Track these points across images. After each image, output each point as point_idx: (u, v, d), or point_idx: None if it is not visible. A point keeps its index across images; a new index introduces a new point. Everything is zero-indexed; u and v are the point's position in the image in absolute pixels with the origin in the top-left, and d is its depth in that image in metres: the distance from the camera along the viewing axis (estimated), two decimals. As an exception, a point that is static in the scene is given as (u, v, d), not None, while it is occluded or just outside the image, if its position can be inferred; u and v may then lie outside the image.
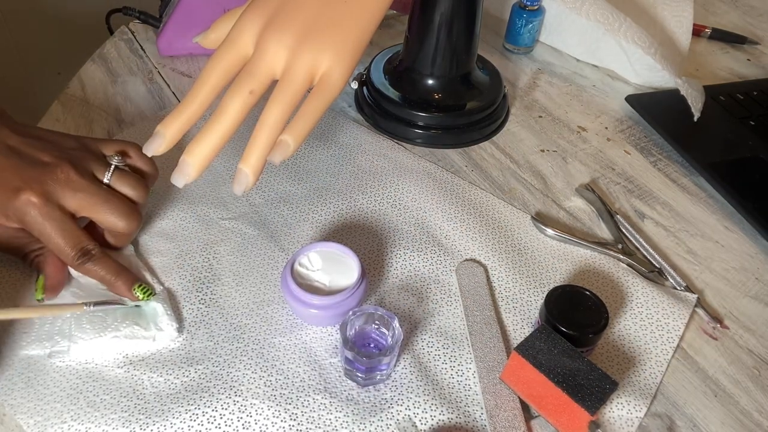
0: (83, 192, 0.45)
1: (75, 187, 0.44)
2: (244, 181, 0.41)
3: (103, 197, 0.45)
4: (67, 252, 0.44)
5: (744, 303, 0.52)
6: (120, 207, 0.46)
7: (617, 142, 0.68)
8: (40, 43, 1.25)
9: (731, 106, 0.71)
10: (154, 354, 0.45)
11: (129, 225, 0.46)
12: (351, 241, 0.54)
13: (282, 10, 0.42)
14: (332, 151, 0.63)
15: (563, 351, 0.42)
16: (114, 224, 0.46)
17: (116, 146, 0.49)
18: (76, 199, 0.44)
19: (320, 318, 0.46)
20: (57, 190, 0.44)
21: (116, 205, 0.46)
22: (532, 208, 0.59)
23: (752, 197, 0.59)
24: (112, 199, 0.46)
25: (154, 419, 0.41)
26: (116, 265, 0.47)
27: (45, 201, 0.43)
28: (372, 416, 0.43)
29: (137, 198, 0.48)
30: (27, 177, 0.44)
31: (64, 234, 0.44)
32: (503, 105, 0.68)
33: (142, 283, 0.47)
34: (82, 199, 0.45)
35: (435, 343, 0.47)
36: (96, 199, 0.45)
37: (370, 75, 0.68)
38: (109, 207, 0.46)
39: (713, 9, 0.94)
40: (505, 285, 0.52)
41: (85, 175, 0.45)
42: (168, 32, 0.71)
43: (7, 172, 0.44)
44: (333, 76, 0.42)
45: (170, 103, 0.67)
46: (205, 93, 0.42)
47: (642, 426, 0.44)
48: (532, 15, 0.76)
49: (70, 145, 0.47)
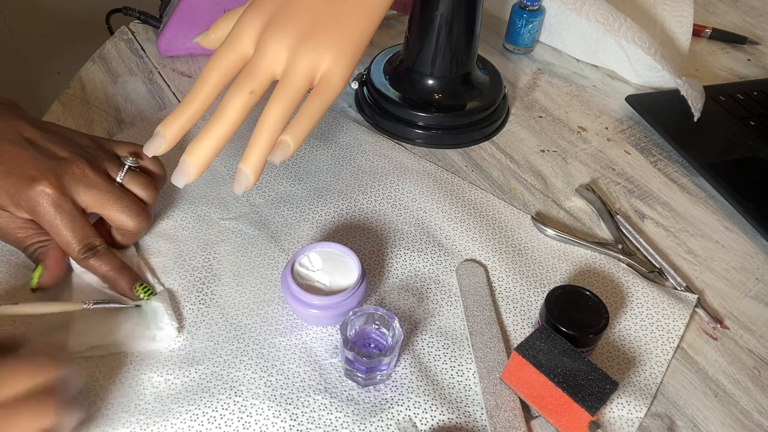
0: (97, 189, 0.46)
1: (89, 184, 0.45)
2: (244, 181, 0.41)
3: (117, 195, 0.46)
4: (74, 246, 0.45)
5: (744, 303, 0.52)
6: (131, 206, 0.47)
7: (617, 142, 0.68)
8: (40, 43, 1.25)
9: (731, 106, 0.71)
10: (154, 354, 0.45)
11: (139, 224, 0.47)
12: (351, 241, 0.54)
13: (282, 10, 0.42)
14: (332, 151, 0.63)
15: (563, 351, 0.42)
16: (124, 222, 0.47)
17: (130, 147, 0.50)
18: (89, 195, 0.45)
19: (320, 318, 0.46)
20: (72, 184, 0.45)
21: (128, 204, 0.47)
22: (532, 208, 0.59)
23: (752, 197, 0.59)
24: (124, 198, 0.47)
25: (154, 419, 0.41)
26: (119, 262, 0.47)
27: (60, 193, 0.44)
28: (372, 416, 0.43)
29: (147, 198, 0.49)
30: (43, 168, 0.44)
31: (73, 227, 0.45)
32: (503, 105, 0.68)
33: (143, 282, 0.47)
34: (95, 195, 0.45)
35: (435, 344, 0.47)
36: (109, 196, 0.46)
37: (371, 75, 0.68)
38: (121, 205, 0.46)
39: (713, 9, 0.94)
40: (506, 285, 0.52)
41: (100, 173, 0.46)
42: (168, 32, 0.71)
43: (23, 161, 0.44)
44: (333, 77, 0.42)
45: (170, 104, 0.67)
46: (206, 93, 0.42)
47: (642, 426, 0.44)
48: (532, 15, 0.76)
49: (84, 143, 0.48)
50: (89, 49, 0.74)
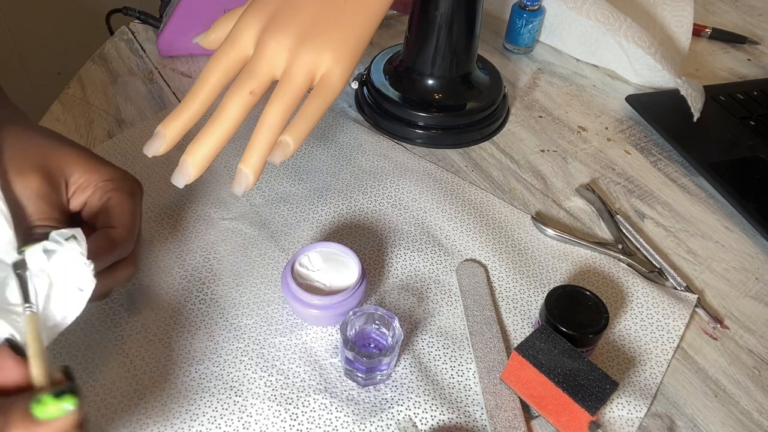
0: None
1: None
2: (244, 182, 0.41)
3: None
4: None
5: (744, 303, 0.52)
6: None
7: (617, 142, 0.68)
8: (40, 43, 1.24)
9: (731, 106, 0.71)
10: (154, 354, 0.45)
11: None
12: (351, 241, 0.54)
13: (282, 10, 0.42)
14: (332, 151, 0.63)
15: (563, 351, 0.42)
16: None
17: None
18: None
19: (320, 318, 0.46)
20: None
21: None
22: (532, 208, 0.59)
23: (752, 197, 0.59)
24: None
25: (155, 419, 0.41)
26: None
27: None
28: (372, 416, 0.43)
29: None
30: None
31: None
32: (503, 105, 0.68)
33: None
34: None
35: (435, 343, 0.47)
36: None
37: (371, 75, 0.68)
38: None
39: (713, 9, 0.94)
40: (506, 285, 0.52)
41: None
42: (168, 32, 0.71)
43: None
44: (333, 77, 0.42)
45: (170, 104, 0.67)
46: (206, 93, 0.42)
47: (642, 426, 0.44)
48: (532, 15, 0.76)
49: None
50: (89, 49, 0.74)
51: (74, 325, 0.46)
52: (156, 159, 0.58)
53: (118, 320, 0.47)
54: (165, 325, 0.47)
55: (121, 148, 0.61)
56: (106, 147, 0.60)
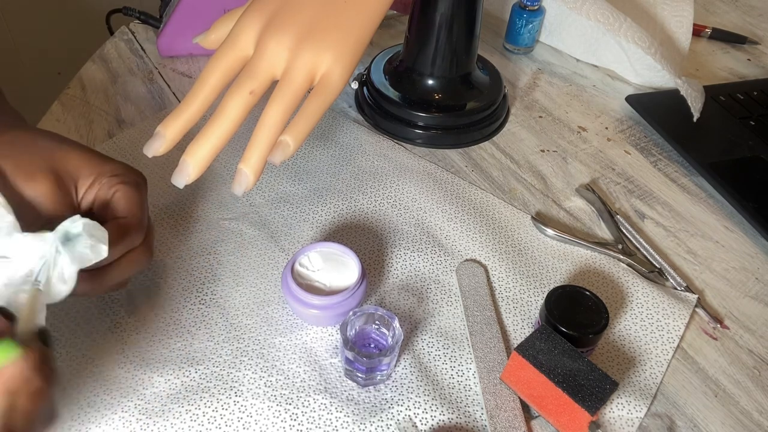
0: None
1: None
2: (244, 182, 0.41)
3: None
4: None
5: (744, 303, 0.52)
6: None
7: (617, 142, 0.68)
8: (40, 43, 1.25)
9: (731, 106, 0.71)
10: (154, 354, 0.45)
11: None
12: (351, 241, 0.54)
13: (282, 10, 0.42)
14: (332, 152, 0.63)
15: (563, 351, 0.42)
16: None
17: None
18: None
19: (320, 318, 0.46)
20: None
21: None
22: (532, 208, 0.59)
23: (752, 197, 0.59)
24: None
25: (155, 419, 0.41)
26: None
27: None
28: (372, 416, 0.43)
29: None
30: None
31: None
32: (503, 105, 0.68)
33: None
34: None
35: (435, 344, 0.47)
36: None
37: (371, 75, 0.68)
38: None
39: (713, 9, 0.94)
40: (506, 285, 0.52)
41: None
42: (168, 32, 0.71)
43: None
44: (333, 77, 0.42)
45: (170, 104, 0.67)
46: (206, 93, 0.42)
47: (642, 426, 0.44)
48: (532, 15, 0.76)
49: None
50: (89, 49, 0.74)
51: (74, 325, 0.46)
52: (156, 159, 0.58)
53: (118, 320, 0.47)
54: (165, 325, 0.47)
55: (121, 148, 0.61)
56: (106, 147, 0.60)
